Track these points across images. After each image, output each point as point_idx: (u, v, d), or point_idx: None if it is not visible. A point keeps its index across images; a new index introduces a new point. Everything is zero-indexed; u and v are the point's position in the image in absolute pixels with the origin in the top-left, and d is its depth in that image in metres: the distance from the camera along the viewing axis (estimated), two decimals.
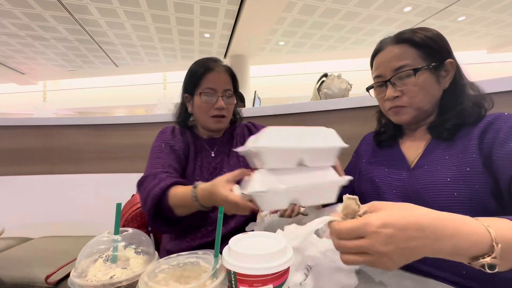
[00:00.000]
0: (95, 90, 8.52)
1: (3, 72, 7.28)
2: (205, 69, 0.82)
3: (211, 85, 0.81)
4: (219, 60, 0.87)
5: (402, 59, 0.62)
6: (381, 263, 0.33)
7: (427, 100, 0.63)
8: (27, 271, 1.06)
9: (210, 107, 0.82)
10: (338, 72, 1.46)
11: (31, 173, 1.65)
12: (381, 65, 0.66)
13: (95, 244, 0.41)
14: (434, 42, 0.62)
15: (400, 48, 0.63)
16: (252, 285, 0.33)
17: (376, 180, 0.67)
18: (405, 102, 0.64)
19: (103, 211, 1.15)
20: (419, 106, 0.64)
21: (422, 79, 0.61)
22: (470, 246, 0.33)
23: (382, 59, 0.66)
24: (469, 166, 0.54)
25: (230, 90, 0.85)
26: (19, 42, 5.53)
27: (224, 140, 0.91)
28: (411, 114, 0.65)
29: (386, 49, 0.66)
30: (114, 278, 0.37)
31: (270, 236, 0.39)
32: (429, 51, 0.62)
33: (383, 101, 0.68)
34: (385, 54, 0.66)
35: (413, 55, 0.62)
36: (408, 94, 0.63)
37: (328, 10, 4.51)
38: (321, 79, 1.44)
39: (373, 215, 0.34)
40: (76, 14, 4.44)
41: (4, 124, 1.67)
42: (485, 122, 0.57)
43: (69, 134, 1.66)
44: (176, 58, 6.68)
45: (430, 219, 0.33)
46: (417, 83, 0.61)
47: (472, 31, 5.53)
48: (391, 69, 0.64)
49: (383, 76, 0.66)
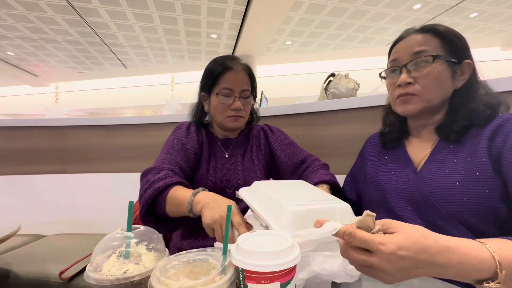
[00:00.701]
0: (104, 91, 8.70)
1: (18, 75, 7.51)
2: (223, 68, 0.80)
3: (229, 85, 0.80)
4: (238, 58, 0.85)
5: (423, 45, 0.61)
6: (380, 277, 0.35)
7: (438, 94, 0.61)
8: (42, 266, 1.10)
9: (226, 108, 0.81)
10: (345, 71, 1.46)
11: (45, 172, 1.70)
12: (400, 50, 0.64)
13: (109, 240, 0.43)
14: (457, 39, 0.61)
15: (423, 36, 0.62)
16: (260, 281, 0.34)
17: (382, 184, 0.66)
18: (416, 90, 0.61)
19: (113, 210, 1.18)
20: (429, 98, 0.61)
21: (439, 69, 0.60)
22: (474, 272, 0.34)
23: (402, 45, 0.65)
24: (479, 171, 0.53)
25: (247, 90, 0.83)
26: (32, 45, 5.70)
27: (240, 141, 0.90)
28: (419, 104, 0.62)
29: (408, 36, 0.64)
30: (127, 273, 0.38)
31: (277, 234, 0.40)
32: (451, 45, 0.61)
33: (393, 88, 0.66)
34: (407, 40, 0.64)
35: (434, 44, 0.61)
36: (421, 82, 0.61)
37: (336, 9, 4.47)
38: (328, 78, 1.44)
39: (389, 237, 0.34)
40: (86, 17, 4.54)
41: (19, 125, 1.73)
42: (495, 124, 0.56)
43: (81, 135, 1.71)
44: (184, 59, 6.75)
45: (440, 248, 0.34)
46: (432, 72, 0.60)
47: (485, 27, 5.38)
48: (409, 53, 0.62)
49: (399, 60, 0.64)
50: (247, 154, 0.87)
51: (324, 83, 1.44)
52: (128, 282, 0.38)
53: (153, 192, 0.65)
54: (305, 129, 1.34)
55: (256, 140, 0.91)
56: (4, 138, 1.73)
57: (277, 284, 0.34)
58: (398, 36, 0.68)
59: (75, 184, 1.66)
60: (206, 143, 0.86)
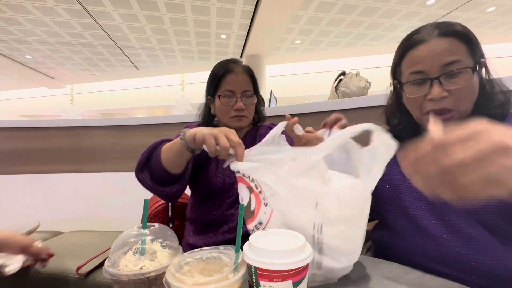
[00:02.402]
0: (117, 92, 8.92)
1: (35, 77, 7.81)
2: (224, 71, 0.84)
3: (230, 87, 0.83)
4: (239, 61, 0.88)
5: (454, 54, 0.54)
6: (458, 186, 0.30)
7: (471, 103, 0.56)
8: (60, 262, 1.14)
9: (229, 109, 0.83)
10: (356, 70, 1.44)
11: (62, 171, 1.77)
12: (425, 60, 0.56)
13: (126, 237, 0.45)
14: (476, 40, 0.57)
15: (449, 42, 0.55)
16: (272, 279, 0.34)
17: (396, 183, 0.64)
18: (451, 104, 0.55)
19: (127, 208, 1.22)
20: (465, 110, 0.56)
21: (474, 79, 0.55)
22: None
23: (426, 53, 0.56)
24: None
25: (249, 90, 0.85)
26: (49, 48, 5.91)
27: (247, 141, 0.91)
28: (454, 119, 0.56)
29: (430, 41, 0.56)
30: (143, 269, 0.40)
31: (289, 233, 0.40)
32: (474, 48, 0.56)
33: (421, 102, 0.59)
34: (431, 47, 0.56)
35: (463, 51, 0.55)
36: (456, 95, 0.55)
37: (346, 6, 4.41)
38: (339, 77, 1.42)
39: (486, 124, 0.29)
40: (100, 20, 4.67)
41: (37, 126, 1.80)
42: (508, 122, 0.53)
43: (95, 135, 1.76)
44: (193, 60, 6.83)
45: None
46: (469, 84, 0.54)
47: (503, 22, 5.18)
48: (440, 65, 0.55)
49: (426, 72, 0.57)
50: None
51: (334, 82, 1.43)
52: (144, 277, 0.39)
53: (148, 148, 0.70)
54: (315, 129, 1.33)
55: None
56: (24, 139, 1.80)
57: (289, 283, 0.34)
58: (413, 39, 0.60)
59: (90, 183, 1.71)
60: None
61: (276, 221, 0.46)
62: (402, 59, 0.62)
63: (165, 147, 0.67)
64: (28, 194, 1.74)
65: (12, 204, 1.73)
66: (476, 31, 0.59)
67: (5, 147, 1.80)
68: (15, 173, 1.77)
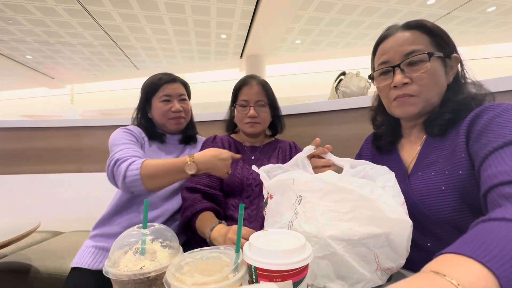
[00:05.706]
0: (117, 92, 8.90)
1: (36, 77, 7.81)
2: (241, 84, 0.98)
3: (245, 97, 0.96)
4: (256, 76, 1.01)
5: (415, 44, 0.58)
6: None
7: (435, 92, 0.59)
8: (60, 262, 1.14)
9: (244, 116, 0.96)
10: (356, 69, 1.43)
11: (62, 171, 1.76)
12: (390, 50, 0.61)
13: (126, 237, 0.45)
14: (444, 33, 0.60)
15: (412, 34, 0.59)
16: (272, 279, 0.34)
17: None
18: (414, 90, 0.58)
19: None
20: (428, 97, 0.59)
21: (434, 66, 0.57)
22: None
23: (391, 44, 0.61)
24: (461, 169, 0.50)
25: (262, 100, 0.96)
26: (49, 48, 5.90)
27: (265, 149, 1.01)
28: (418, 105, 0.59)
29: (395, 34, 0.61)
30: (143, 268, 0.40)
31: (289, 233, 0.40)
32: (440, 40, 0.59)
33: (388, 90, 0.63)
34: (395, 39, 0.60)
35: (425, 42, 0.58)
36: (418, 81, 0.58)
37: (346, 6, 4.41)
38: (339, 77, 1.42)
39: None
40: (100, 20, 4.66)
41: (37, 126, 1.79)
42: (472, 115, 0.52)
43: (95, 135, 1.76)
44: (193, 60, 6.83)
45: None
46: (429, 70, 0.57)
47: (503, 22, 5.17)
48: (402, 54, 0.59)
49: (391, 61, 0.61)
50: (273, 159, 0.97)
51: (334, 82, 1.43)
52: (144, 277, 0.39)
53: (185, 218, 0.82)
54: (315, 129, 1.33)
55: (283, 151, 1.01)
56: (24, 139, 1.80)
57: (290, 283, 0.34)
58: (381, 35, 0.65)
59: (90, 183, 1.71)
60: (234, 148, 0.99)
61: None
62: (374, 54, 0.67)
63: (198, 229, 0.78)
64: (28, 194, 1.74)
65: (12, 204, 1.73)
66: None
67: (5, 147, 1.80)
68: (15, 173, 1.77)
